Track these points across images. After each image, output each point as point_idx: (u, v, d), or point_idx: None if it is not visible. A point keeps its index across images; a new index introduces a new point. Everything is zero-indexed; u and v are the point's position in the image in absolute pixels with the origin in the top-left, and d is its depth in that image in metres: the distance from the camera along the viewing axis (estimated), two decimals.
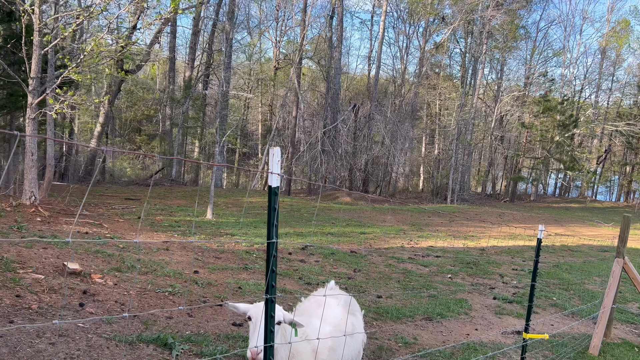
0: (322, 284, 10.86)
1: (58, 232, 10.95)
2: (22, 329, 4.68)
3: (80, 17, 11.68)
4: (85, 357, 4.47)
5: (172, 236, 14.11)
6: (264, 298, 2.79)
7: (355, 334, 4.15)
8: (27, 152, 12.27)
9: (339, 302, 4.36)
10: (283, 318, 3.28)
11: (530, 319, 5.75)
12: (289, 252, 14.14)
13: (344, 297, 4.45)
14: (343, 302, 4.39)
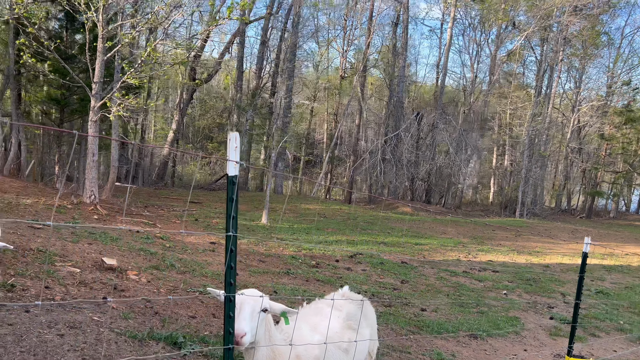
0: (364, 293, 10.56)
1: (110, 230, 11.38)
2: (35, 318, 4.79)
3: (140, 25, 12.17)
4: (89, 349, 4.48)
5: (222, 238, 14.29)
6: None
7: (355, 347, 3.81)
8: (89, 153, 12.90)
9: (340, 315, 3.94)
10: (269, 307, 3.10)
11: (573, 340, 5.16)
12: (336, 260, 13.91)
13: (346, 309, 4.08)
14: (345, 314, 3.98)
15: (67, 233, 9.41)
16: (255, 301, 2.99)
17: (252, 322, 2.90)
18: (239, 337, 2.80)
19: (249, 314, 2.90)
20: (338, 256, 14.47)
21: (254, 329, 2.91)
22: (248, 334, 2.83)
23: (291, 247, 14.68)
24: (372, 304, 9.71)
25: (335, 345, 3.63)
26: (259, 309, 2.97)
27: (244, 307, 2.93)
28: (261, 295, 3.10)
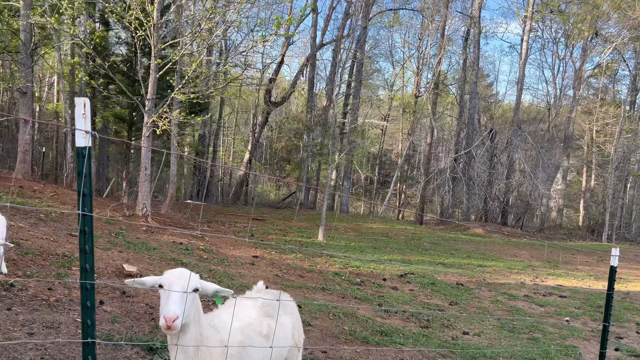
0: (403, 313, 9.93)
1: (154, 241, 11.64)
2: (13, 317, 4.81)
3: (188, 42, 12.58)
4: (54, 349, 4.41)
5: (268, 252, 14.20)
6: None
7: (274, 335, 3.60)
8: (141, 168, 13.40)
9: (256, 304, 3.80)
10: (200, 286, 2.90)
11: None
12: (383, 278, 13.30)
13: (261, 300, 3.86)
14: (260, 303, 3.82)
15: (104, 242, 9.69)
16: (185, 281, 2.79)
17: (182, 304, 2.70)
18: (170, 322, 2.62)
19: (179, 296, 2.70)
20: (387, 275, 13.84)
21: (185, 311, 2.71)
22: (180, 316, 2.65)
23: (338, 264, 14.27)
24: (408, 324, 9.09)
25: (255, 332, 3.50)
26: (191, 288, 2.78)
27: (174, 288, 2.73)
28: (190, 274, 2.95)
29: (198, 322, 3.00)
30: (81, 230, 2.18)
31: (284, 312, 3.94)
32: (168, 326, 2.65)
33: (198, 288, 2.89)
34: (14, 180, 13.79)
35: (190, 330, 2.94)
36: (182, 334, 2.90)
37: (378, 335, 8.06)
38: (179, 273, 2.88)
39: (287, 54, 43.74)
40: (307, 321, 7.88)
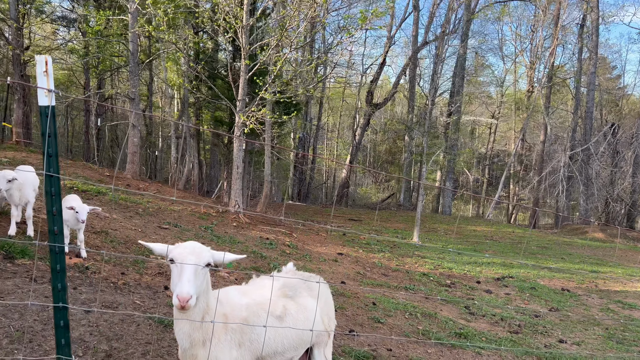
0: (492, 317, 9.18)
1: (241, 236, 11.98)
2: (77, 295, 5.10)
3: (273, 43, 12.83)
4: (105, 326, 4.58)
5: (355, 250, 13.98)
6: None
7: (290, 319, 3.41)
8: (234, 166, 13.88)
9: (276, 285, 3.55)
10: (213, 260, 2.77)
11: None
12: (477, 281, 12.45)
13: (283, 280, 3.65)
14: (281, 283, 3.59)
15: (190, 235, 10.12)
16: (197, 256, 2.68)
17: (196, 280, 2.61)
18: (184, 302, 2.49)
19: (192, 273, 2.58)
20: (482, 278, 12.95)
21: (198, 287, 2.62)
22: (194, 295, 2.55)
23: (428, 265, 13.64)
24: (495, 328, 8.37)
25: (266, 311, 3.25)
26: (203, 263, 2.67)
27: (188, 265, 2.61)
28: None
29: (207, 295, 2.91)
30: (47, 192, 2.17)
31: (309, 295, 3.70)
32: (182, 306, 2.53)
33: (210, 263, 2.76)
34: (123, 179, 15.01)
35: (199, 302, 2.83)
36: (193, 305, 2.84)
37: (456, 338, 7.48)
38: (190, 247, 2.74)
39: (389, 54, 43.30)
40: (377, 318, 7.54)
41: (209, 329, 2.98)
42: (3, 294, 4.72)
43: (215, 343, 3.01)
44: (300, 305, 3.57)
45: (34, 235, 6.41)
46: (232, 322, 3.08)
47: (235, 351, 3.05)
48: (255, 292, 3.41)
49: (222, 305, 3.10)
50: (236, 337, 3.08)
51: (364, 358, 5.77)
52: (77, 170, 14.28)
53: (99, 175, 14.52)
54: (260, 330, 3.20)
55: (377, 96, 49.36)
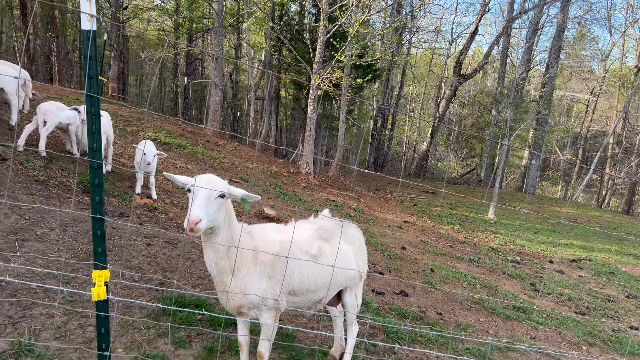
0: (559, 296, 8.77)
1: (308, 196, 12.22)
2: (141, 230, 5.50)
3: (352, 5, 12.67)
4: (163, 259, 4.93)
5: (423, 220, 13.79)
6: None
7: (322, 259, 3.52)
8: (307, 129, 14.06)
9: (312, 227, 3.70)
10: (228, 191, 2.93)
11: None
12: (550, 260, 11.88)
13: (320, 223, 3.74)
14: (317, 226, 3.70)
15: (259, 190, 10.47)
16: (212, 186, 2.87)
17: (208, 208, 2.79)
18: (192, 224, 2.71)
19: (204, 200, 2.78)
20: (555, 258, 12.33)
21: (211, 215, 2.80)
22: (203, 220, 2.73)
23: (499, 240, 13.18)
24: (560, 307, 8.02)
25: (302, 249, 3.43)
26: (216, 194, 2.84)
27: (200, 192, 2.81)
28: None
29: (229, 227, 3.06)
30: (88, 112, 2.36)
31: (345, 241, 3.80)
32: (191, 228, 2.72)
33: (225, 194, 2.89)
34: (203, 135, 15.72)
35: (221, 233, 3.02)
36: (213, 236, 3.00)
37: (513, 311, 7.24)
38: (206, 178, 2.92)
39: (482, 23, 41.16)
40: (432, 283, 7.47)
41: (236, 260, 3.14)
42: (77, 221, 5.20)
43: (244, 273, 3.17)
44: (335, 248, 3.66)
45: (156, 197, 6.89)
46: (245, 249, 3.20)
47: (265, 283, 3.19)
48: (291, 232, 3.53)
49: (254, 239, 3.26)
50: (266, 270, 3.21)
51: (410, 317, 5.78)
52: (163, 124, 15.14)
53: (182, 131, 15.31)
54: (292, 266, 3.33)
55: (467, 67, 47.36)
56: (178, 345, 3.71)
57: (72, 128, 6.99)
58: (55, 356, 3.18)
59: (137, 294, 4.21)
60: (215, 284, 3.24)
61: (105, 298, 2.48)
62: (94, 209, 2.50)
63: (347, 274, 3.76)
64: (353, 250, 3.86)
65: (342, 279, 3.73)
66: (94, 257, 2.53)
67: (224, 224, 3.02)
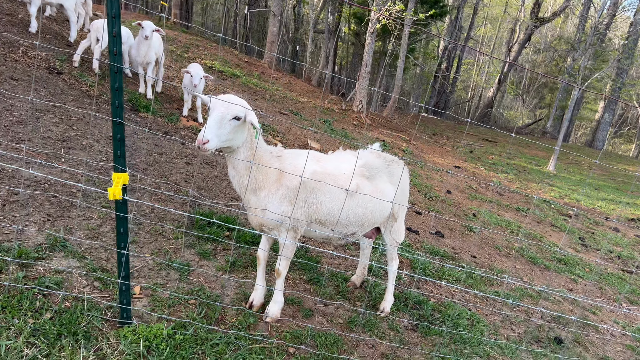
0: (609, 253, 8.42)
1: (357, 134, 12.11)
2: (195, 152, 5.65)
3: None
4: (200, 179, 5.07)
5: (476, 167, 13.40)
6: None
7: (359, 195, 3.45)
8: (363, 64, 13.71)
9: (357, 163, 3.53)
10: (244, 116, 2.91)
11: None
12: (606, 217, 11.35)
13: (366, 159, 3.62)
14: (362, 162, 3.57)
15: (307, 124, 10.46)
16: (227, 108, 2.85)
17: (220, 129, 2.80)
18: (199, 143, 2.76)
19: (216, 121, 2.80)
20: (613, 215, 11.74)
21: (223, 136, 2.82)
22: (212, 140, 2.76)
23: (554, 192, 12.65)
24: (607, 263, 7.72)
25: (336, 182, 3.33)
26: (230, 116, 2.83)
27: (213, 113, 2.84)
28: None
29: (250, 147, 3.07)
30: (109, 14, 2.36)
31: (388, 181, 3.69)
32: (198, 147, 2.77)
33: (239, 117, 2.86)
34: (259, 66, 15.71)
35: (241, 152, 3.05)
36: (234, 153, 3.04)
37: (554, 262, 7.04)
38: (225, 98, 2.90)
39: None
40: (471, 227, 7.33)
41: (257, 179, 3.16)
42: None
43: (265, 194, 3.19)
44: (376, 187, 3.58)
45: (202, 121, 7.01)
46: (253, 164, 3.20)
47: (285, 206, 3.20)
48: (330, 163, 3.46)
49: (282, 162, 3.24)
50: (290, 194, 3.21)
51: (441, 256, 5.74)
52: (220, 53, 15.20)
53: (238, 60, 15.34)
54: (322, 197, 3.31)
55: (545, 10, 44.13)
56: (202, 256, 3.87)
57: (125, 47, 7.13)
58: (86, 253, 3.40)
59: (170, 206, 4.39)
60: (244, 202, 3.31)
61: (121, 198, 2.59)
62: (114, 113, 2.56)
63: (383, 213, 3.70)
64: (393, 191, 3.73)
65: (377, 218, 3.67)
66: (113, 160, 2.62)
67: (245, 145, 3.04)
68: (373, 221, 3.70)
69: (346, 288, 4.21)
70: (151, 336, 2.80)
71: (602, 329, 5.10)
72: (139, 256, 3.59)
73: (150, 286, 3.29)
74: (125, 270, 2.78)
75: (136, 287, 3.25)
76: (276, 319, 3.39)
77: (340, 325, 3.62)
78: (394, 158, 3.94)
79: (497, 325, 4.51)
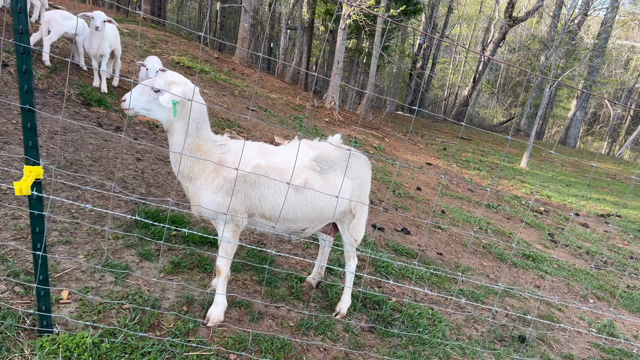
0: (578, 249, 8.38)
1: (329, 131, 11.91)
2: (132, 143, 5.38)
3: None
4: (150, 177, 4.81)
5: (448, 164, 13.33)
6: None
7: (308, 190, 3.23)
8: (335, 61, 13.52)
9: (310, 154, 3.34)
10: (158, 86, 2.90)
11: None
12: (576, 213, 11.39)
13: (321, 151, 3.38)
14: (316, 155, 3.34)
15: (276, 120, 10.22)
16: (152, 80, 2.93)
17: (141, 95, 2.91)
18: (121, 102, 2.97)
19: (141, 86, 2.91)
20: (583, 211, 11.78)
21: (140, 102, 2.91)
22: (127, 101, 2.89)
23: (525, 189, 12.66)
24: (575, 259, 7.66)
25: (282, 177, 3.13)
26: (149, 89, 2.90)
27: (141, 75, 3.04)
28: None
29: (182, 130, 2.95)
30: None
31: (343, 174, 3.41)
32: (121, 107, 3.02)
33: (157, 90, 2.88)
34: (230, 62, 15.39)
35: (175, 135, 2.97)
36: (169, 134, 3.00)
37: (522, 258, 6.95)
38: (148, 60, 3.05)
39: None
40: (439, 224, 7.20)
41: (193, 168, 3.00)
42: (67, 130, 5.10)
43: (201, 183, 3.01)
44: (328, 182, 3.34)
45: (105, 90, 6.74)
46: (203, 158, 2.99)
47: (221, 197, 3.00)
48: (278, 156, 3.24)
49: (227, 154, 3.05)
50: (226, 186, 3.01)
51: (405, 254, 5.57)
52: (189, 49, 14.86)
53: (208, 56, 15.01)
54: (265, 191, 3.10)
55: (519, 9, 44.57)
56: (144, 257, 3.61)
57: (80, 39, 6.80)
58: (10, 255, 3.12)
59: (114, 205, 4.12)
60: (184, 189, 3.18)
61: (29, 194, 2.34)
62: (22, 99, 2.30)
63: (336, 209, 3.48)
64: (351, 187, 3.50)
65: (328, 214, 3.43)
66: (24, 152, 2.36)
67: (176, 125, 2.94)
68: (325, 217, 3.48)
69: (301, 289, 4.00)
70: (73, 346, 2.55)
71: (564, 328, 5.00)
72: (70, 258, 3.32)
73: (80, 290, 3.03)
74: (42, 273, 2.52)
75: (64, 292, 2.99)
76: (219, 323, 3.16)
77: (291, 329, 3.41)
78: (356, 152, 3.70)
79: (459, 324, 4.36)
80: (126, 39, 12.12)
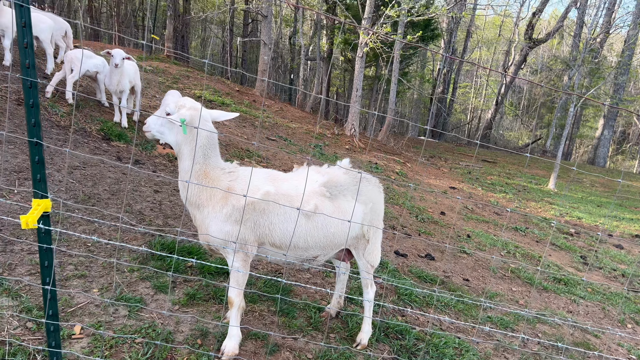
0: (612, 271, 8.03)
1: (350, 158, 11.86)
2: (153, 178, 5.40)
3: None
4: (167, 208, 4.81)
5: (473, 188, 13.09)
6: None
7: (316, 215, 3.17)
8: (354, 88, 13.58)
9: (319, 180, 3.28)
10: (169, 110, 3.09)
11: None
12: (609, 234, 10.97)
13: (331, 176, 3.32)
14: (325, 180, 3.28)
15: (295, 149, 10.24)
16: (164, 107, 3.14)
17: (158, 119, 2.99)
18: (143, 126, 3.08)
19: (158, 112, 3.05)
20: (616, 232, 11.35)
21: (157, 126, 3.01)
22: (148, 124, 3.02)
23: (554, 211, 12.30)
24: (610, 282, 7.33)
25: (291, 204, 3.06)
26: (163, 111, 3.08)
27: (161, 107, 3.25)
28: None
29: (189, 155, 2.95)
30: (18, 24, 2.15)
31: (354, 199, 3.34)
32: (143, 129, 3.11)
33: (169, 113, 3.03)
34: (251, 95, 15.61)
35: (183, 160, 2.99)
36: (179, 160, 3.05)
37: (553, 282, 6.66)
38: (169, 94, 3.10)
39: None
40: (464, 249, 7.00)
41: (201, 195, 2.97)
42: (87, 165, 5.16)
43: (209, 211, 2.97)
44: (339, 208, 3.27)
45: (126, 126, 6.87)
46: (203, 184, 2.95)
47: (230, 226, 2.95)
48: (288, 183, 3.19)
49: (234, 180, 3.01)
50: (236, 214, 2.96)
51: (430, 280, 5.40)
52: (211, 83, 15.14)
53: (229, 89, 15.26)
54: (274, 219, 3.04)
55: (540, 31, 44.41)
56: (159, 289, 3.56)
57: (101, 77, 6.98)
58: (24, 291, 3.11)
59: (130, 237, 4.11)
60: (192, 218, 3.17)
61: (36, 227, 2.32)
62: (30, 132, 2.32)
63: (348, 234, 3.37)
64: (363, 211, 3.42)
65: (340, 240, 3.34)
66: (32, 185, 2.36)
67: (186, 150, 2.97)
68: (337, 243, 3.38)
69: (319, 319, 3.88)
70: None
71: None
72: (84, 292, 3.29)
73: (92, 325, 2.98)
74: (52, 308, 2.48)
75: (76, 327, 2.95)
76: (233, 356, 3.07)
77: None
78: (366, 175, 3.62)
79: (488, 353, 4.15)
80: (149, 75, 12.43)
